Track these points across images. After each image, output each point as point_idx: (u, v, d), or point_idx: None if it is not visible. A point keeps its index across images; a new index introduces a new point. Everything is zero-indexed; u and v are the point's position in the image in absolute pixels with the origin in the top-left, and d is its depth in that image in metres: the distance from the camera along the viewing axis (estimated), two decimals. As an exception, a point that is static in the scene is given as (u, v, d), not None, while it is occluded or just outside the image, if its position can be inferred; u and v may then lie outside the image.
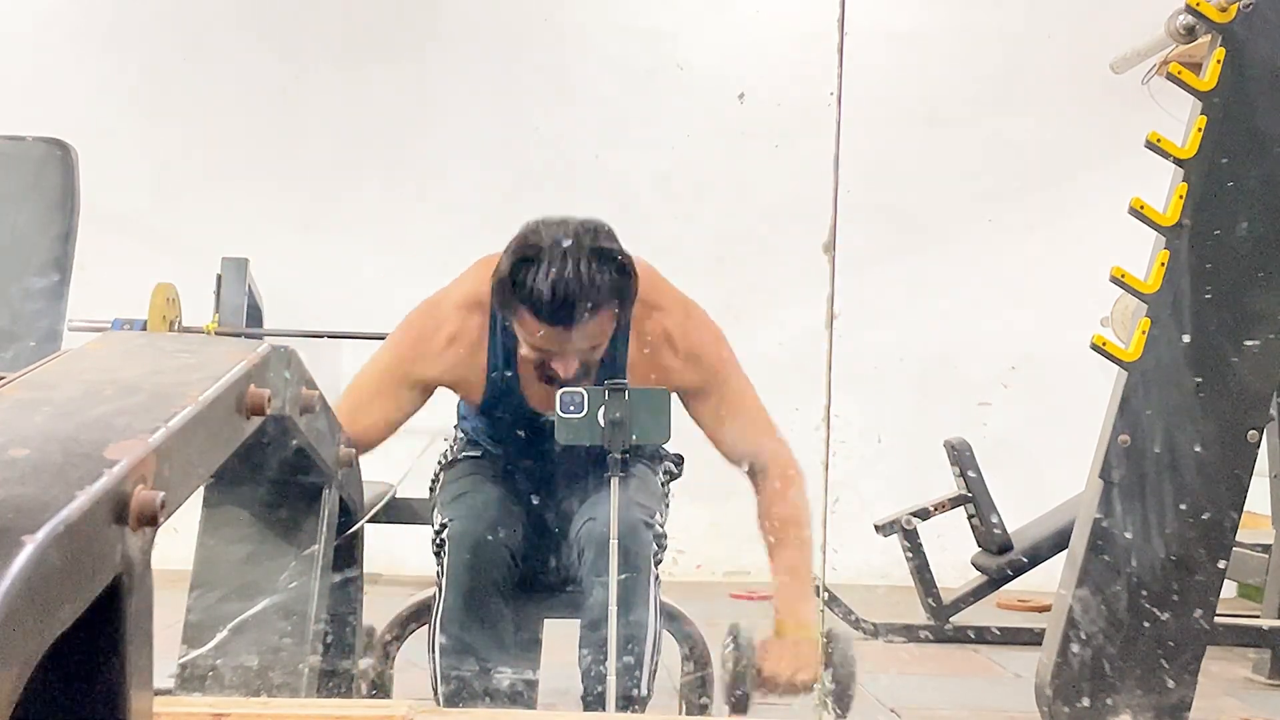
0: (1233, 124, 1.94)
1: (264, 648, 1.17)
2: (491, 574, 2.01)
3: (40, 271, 2.18)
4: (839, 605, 3.52)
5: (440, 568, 2.03)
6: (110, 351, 0.86)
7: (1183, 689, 1.94)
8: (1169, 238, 1.94)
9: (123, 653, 0.63)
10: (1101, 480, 1.95)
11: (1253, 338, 1.94)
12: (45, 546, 0.54)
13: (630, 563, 1.90)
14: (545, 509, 2.14)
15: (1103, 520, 1.94)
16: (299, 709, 1.06)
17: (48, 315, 2.16)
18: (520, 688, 1.99)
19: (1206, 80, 1.94)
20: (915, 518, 3.61)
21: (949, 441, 3.75)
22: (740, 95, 4.54)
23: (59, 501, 0.57)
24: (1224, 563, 1.95)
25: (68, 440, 0.65)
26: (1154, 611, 1.93)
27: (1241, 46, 1.93)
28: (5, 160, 2.28)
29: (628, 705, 1.92)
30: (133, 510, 0.62)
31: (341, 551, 1.31)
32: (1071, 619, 1.94)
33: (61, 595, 0.56)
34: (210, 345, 0.93)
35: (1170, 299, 1.93)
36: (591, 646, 1.96)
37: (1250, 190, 1.95)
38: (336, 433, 1.28)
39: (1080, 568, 1.95)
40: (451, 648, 1.97)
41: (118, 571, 0.62)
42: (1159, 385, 1.94)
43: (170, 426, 0.71)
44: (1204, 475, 1.93)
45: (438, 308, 2.10)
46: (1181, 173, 1.95)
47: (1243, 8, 1.92)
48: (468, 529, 2.02)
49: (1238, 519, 1.97)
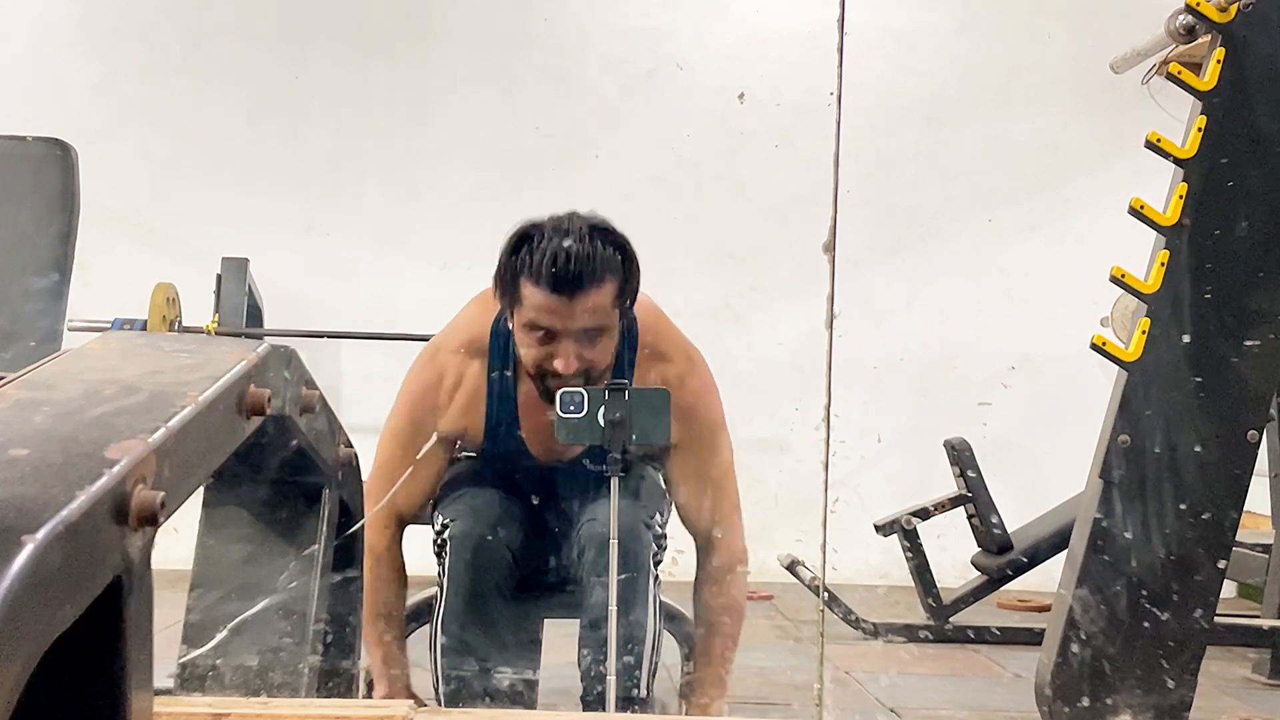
0: (1233, 124, 1.94)
1: (264, 648, 1.17)
2: (493, 574, 2.01)
3: (40, 271, 2.18)
4: (839, 605, 3.52)
5: (441, 568, 2.03)
6: (110, 351, 0.86)
7: (1183, 689, 1.94)
8: (1169, 238, 1.94)
9: (123, 653, 0.63)
10: (1101, 480, 1.95)
11: (1253, 338, 1.94)
12: (45, 546, 0.54)
13: (630, 563, 1.90)
14: (546, 508, 2.14)
15: (1103, 520, 1.94)
16: (299, 709, 1.06)
17: (48, 315, 2.17)
18: (520, 687, 2.00)
19: (1206, 80, 1.94)
20: (915, 518, 3.62)
21: (949, 441, 3.75)
22: (740, 95, 4.55)
23: (59, 501, 0.57)
24: (1224, 562, 1.95)
25: (68, 440, 0.65)
26: (1154, 611, 1.93)
27: (1241, 46, 1.93)
28: (5, 160, 2.28)
29: (627, 705, 1.92)
30: (133, 510, 0.62)
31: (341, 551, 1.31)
32: (1071, 619, 1.94)
33: (61, 595, 0.56)
34: (210, 345, 0.93)
35: (1170, 299, 1.93)
36: (591, 646, 1.96)
37: (1250, 190, 1.95)
38: (337, 433, 1.28)
39: (1080, 568, 1.95)
40: (453, 647, 1.98)
41: (118, 571, 0.61)
42: (1159, 385, 1.94)
43: (170, 426, 0.70)
44: (1204, 475, 1.93)
45: (438, 355, 2.10)
46: (1181, 173, 1.95)
47: (1243, 8, 1.92)
48: (469, 529, 2.02)
49: (1238, 519, 1.97)
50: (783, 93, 4.64)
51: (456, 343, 2.09)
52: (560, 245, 1.87)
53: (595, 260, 1.88)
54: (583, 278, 1.87)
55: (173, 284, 4.22)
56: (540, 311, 1.90)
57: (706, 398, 2.09)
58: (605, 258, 1.89)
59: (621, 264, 1.93)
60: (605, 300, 1.91)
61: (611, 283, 1.91)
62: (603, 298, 1.90)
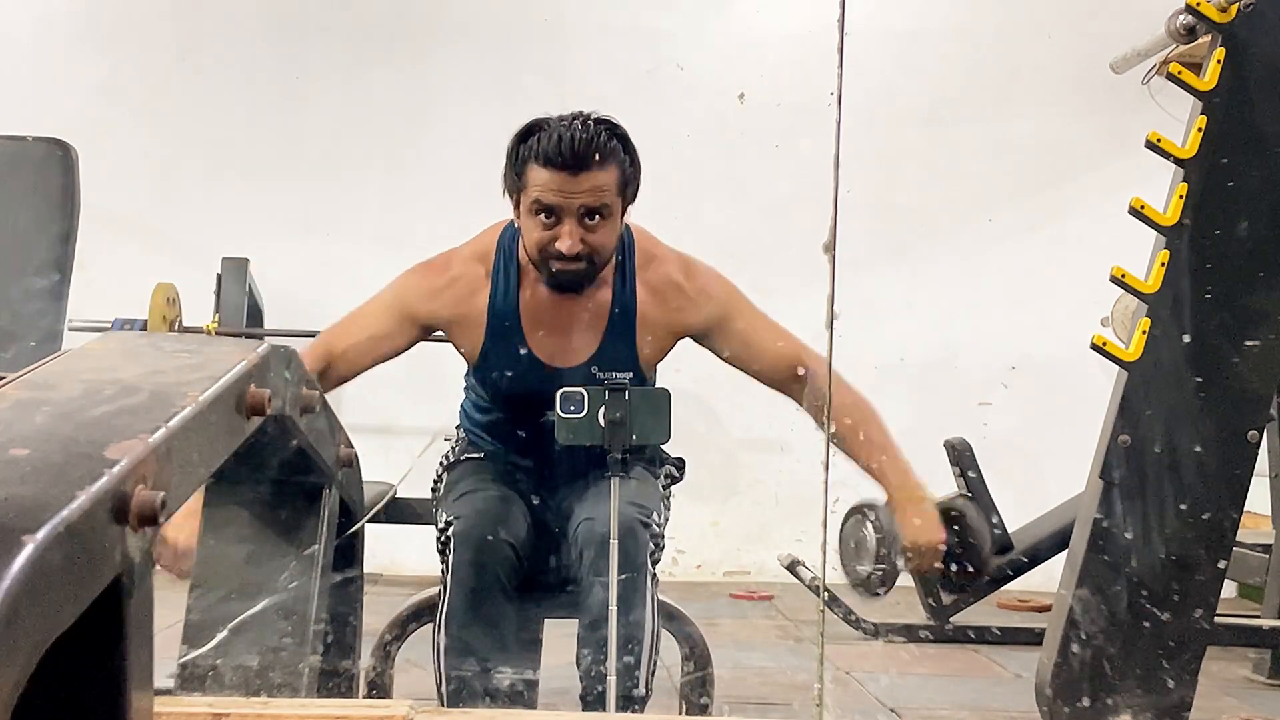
0: (1233, 124, 1.94)
1: (264, 648, 1.17)
2: (497, 571, 2.01)
3: (40, 271, 2.18)
4: (839, 605, 3.52)
5: (445, 566, 2.03)
6: (110, 351, 0.86)
7: (1183, 689, 1.94)
8: (1169, 238, 1.94)
9: (123, 652, 0.63)
10: (1101, 480, 1.95)
11: (1253, 338, 1.94)
12: (45, 546, 0.54)
13: (627, 562, 1.90)
14: (546, 508, 2.14)
15: (1103, 520, 1.94)
16: (299, 709, 1.06)
17: (48, 315, 2.16)
18: (521, 687, 1.99)
19: (1207, 80, 1.94)
20: (915, 518, 3.61)
21: (949, 441, 3.74)
22: (740, 95, 4.55)
23: (59, 501, 0.57)
24: (1224, 563, 1.95)
25: (68, 440, 0.65)
26: (1154, 612, 1.93)
27: (1242, 46, 1.93)
28: (5, 160, 2.28)
29: (626, 705, 1.92)
30: (133, 510, 0.62)
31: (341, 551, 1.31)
32: (1072, 619, 1.94)
33: (61, 595, 0.56)
34: (210, 345, 0.93)
35: (1170, 299, 1.93)
36: (589, 646, 1.96)
37: (1250, 190, 1.95)
38: (337, 433, 1.28)
39: (1080, 568, 1.95)
40: (457, 646, 1.97)
41: (118, 571, 0.62)
42: (1159, 385, 1.94)
43: (170, 426, 0.71)
44: (1204, 475, 1.93)
45: (444, 257, 2.16)
46: (1181, 173, 1.95)
47: (1243, 8, 1.92)
48: (473, 526, 2.02)
49: (1238, 519, 1.96)
50: (783, 93, 4.64)
51: (467, 251, 2.15)
52: (565, 129, 1.96)
53: (598, 143, 1.97)
54: (586, 156, 1.95)
55: (173, 284, 4.22)
56: (545, 190, 1.96)
57: (714, 275, 2.17)
58: (608, 143, 1.99)
59: (624, 153, 2.02)
60: (608, 181, 1.98)
61: (614, 167, 1.99)
62: (605, 178, 1.98)
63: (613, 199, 2.00)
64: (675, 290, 2.12)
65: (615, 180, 1.99)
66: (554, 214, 1.97)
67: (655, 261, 2.14)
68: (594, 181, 1.96)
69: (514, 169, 2.01)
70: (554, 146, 1.95)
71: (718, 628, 3.72)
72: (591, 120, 2.00)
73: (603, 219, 1.99)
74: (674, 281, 2.12)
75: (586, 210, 1.97)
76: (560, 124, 1.98)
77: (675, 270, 2.14)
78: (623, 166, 2.01)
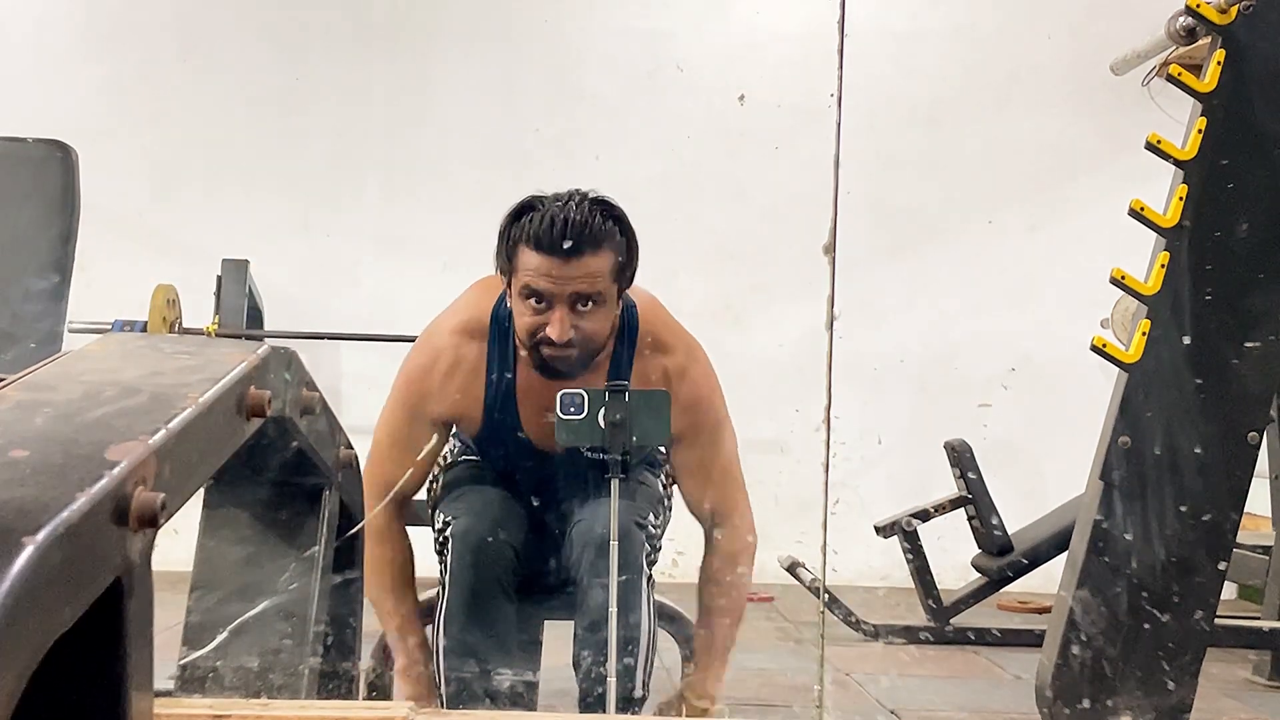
0: (1233, 126, 1.94)
1: (264, 649, 1.17)
2: (495, 571, 2.00)
3: (40, 273, 2.18)
4: (839, 607, 3.52)
5: (443, 567, 2.03)
6: (110, 353, 0.86)
7: (1183, 690, 1.94)
8: (1169, 239, 1.94)
9: (123, 654, 0.63)
10: (1102, 482, 1.95)
11: (1253, 339, 1.94)
12: (45, 548, 0.54)
13: (621, 564, 1.90)
14: (544, 510, 2.14)
15: (1103, 522, 1.94)
16: (299, 710, 1.06)
17: (48, 316, 2.17)
18: (520, 688, 1.99)
19: (1206, 82, 1.94)
20: (915, 519, 3.61)
21: (949, 443, 3.74)
22: (740, 96, 4.54)
23: (59, 503, 0.57)
24: (1224, 564, 1.95)
25: (68, 442, 0.65)
26: (1154, 613, 1.93)
27: (1242, 48, 1.93)
28: (5, 161, 2.28)
29: (625, 706, 1.92)
30: (133, 512, 0.62)
31: (341, 553, 1.31)
32: (1072, 621, 1.94)
33: (61, 596, 0.56)
34: (210, 347, 0.93)
35: (1170, 300, 1.93)
36: (585, 647, 1.96)
37: (1250, 191, 1.95)
38: (337, 434, 1.28)
39: (1080, 569, 1.95)
40: (455, 648, 1.97)
41: (118, 573, 0.62)
42: (1159, 387, 1.94)
43: (170, 428, 0.71)
44: (1204, 477, 1.93)
45: (434, 337, 2.10)
46: (1181, 174, 1.95)
47: (1243, 9, 1.92)
48: (470, 526, 2.01)
49: (1238, 520, 1.97)
50: (783, 94, 4.64)
51: (455, 323, 2.09)
52: (559, 211, 1.90)
53: (592, 227, 1.90)
54: (578, 242, 1.88)
55: (173, 285, 4.21)
56: (535, 275, 1.90)
57: (708, 388, 2.09)
58: (602, 227, 1.92)
59: (620, 237, 1.95)
60: (601, 268, 1.91)
61: (608, 252, 1.92)
62: (598, 264, 1.91)
63: (606, 285, 1.93)
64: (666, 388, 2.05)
65: (609, 266, 1.92)
66: (544, 300, 1.91)
67: (656, 353, 2.06)
68: (586, 268, 1.89)
69: (505, 249, 1.95)
70: (545, 230, 1.88)
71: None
72: (587, 201, 1.93)
73: (595, 305, 1.92)
74: (668, 379, 2.04)
75: (578, 297, 1.91)
76: (554, 204, 1.92)
77: (675, 367, 2.06)
78: (618, 250, 1.94)
